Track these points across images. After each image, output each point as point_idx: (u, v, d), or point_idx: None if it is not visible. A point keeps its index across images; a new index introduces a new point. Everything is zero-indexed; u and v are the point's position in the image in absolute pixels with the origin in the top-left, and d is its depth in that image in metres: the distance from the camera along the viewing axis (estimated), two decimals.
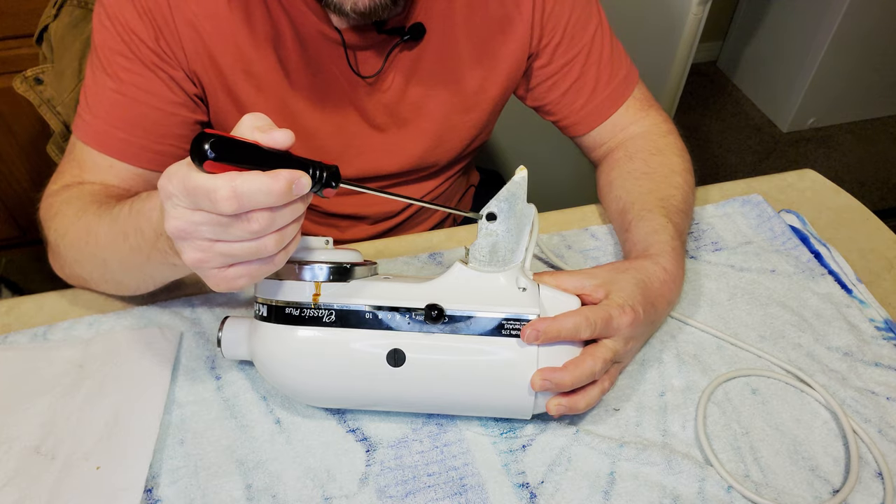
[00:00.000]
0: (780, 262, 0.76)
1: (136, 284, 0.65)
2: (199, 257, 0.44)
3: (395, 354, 0.54)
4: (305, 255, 0.54)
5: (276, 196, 0.42)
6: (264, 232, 0.43)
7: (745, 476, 0.58)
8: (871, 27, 2.18)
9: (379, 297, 0.55)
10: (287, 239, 0.46)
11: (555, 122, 0.85)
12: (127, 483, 0.56)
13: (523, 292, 0.56)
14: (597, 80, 0.80)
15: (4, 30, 1.41)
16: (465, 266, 0.57)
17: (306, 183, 0.44)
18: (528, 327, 0.54)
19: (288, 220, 0.44)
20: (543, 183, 1.51)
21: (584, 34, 0.78)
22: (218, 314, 0.70)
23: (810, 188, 0.88)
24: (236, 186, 0.40)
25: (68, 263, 0.67)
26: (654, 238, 0.67)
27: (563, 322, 0.54)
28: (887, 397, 0.63)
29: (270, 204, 0.42)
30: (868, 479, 0.58)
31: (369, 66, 0.73)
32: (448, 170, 0.88)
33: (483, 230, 0.57)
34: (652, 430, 0.61)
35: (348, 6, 0.61)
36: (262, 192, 0.41)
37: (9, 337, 0.69)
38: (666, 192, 0.73)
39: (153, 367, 0.64)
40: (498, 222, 0.57)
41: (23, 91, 0.89)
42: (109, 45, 0.67)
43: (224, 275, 0.46)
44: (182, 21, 0.66)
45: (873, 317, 0.70)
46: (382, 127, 0.78)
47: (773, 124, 2.51)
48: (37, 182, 1.68)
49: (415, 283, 0.57)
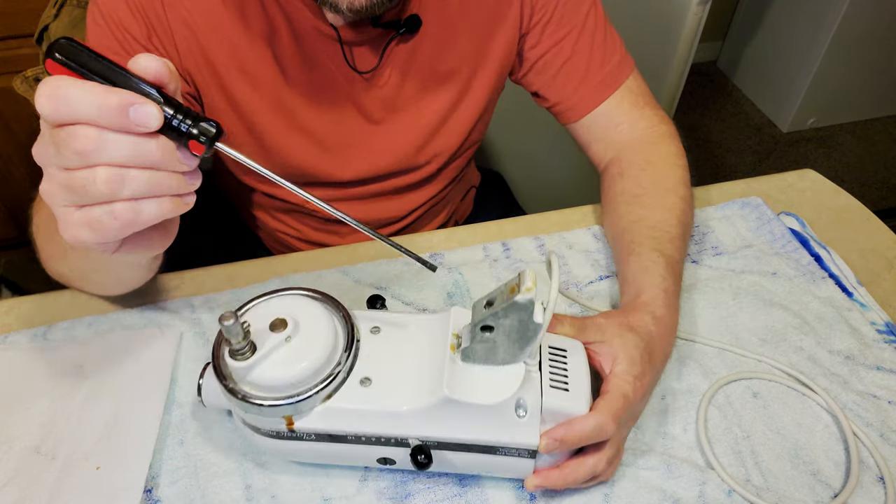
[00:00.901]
0: (781, 265, 0.76)
1: (99, 277, 0.63)
2: (45, 187, 0.40)
3: (386, 461, 0.54)
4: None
5: (103, 110, 0.37)
6: (91, 157, 0.38)
7: (746, 480, 0.58)
8: (871, 27, 2.18)
9: (357, 424, 0.51)
10: (131, 186, 0.39)
11: (549, 107, 0.84)
12: (127, 483, 0.56)
13: (521, 418, 0.50)
14: (589, 61, 0.78)
15: (4, 30, 1.41)
16: (458, 361, 0.51)
17: (151, 113, 0.38)
18: (547, 440, 0.50)
19: (125, 154, 0.38)
20: (543, 183, 1.52)
21: (576, 14, 0.77)
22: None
23: (810, 188, 0.87)
24: (58, 86, 0.36)
25: (46, 259, 0.64)
26: (644, 280, 0.65)
27: (581, 430, 0.50)
28: (889, 401, 0.63)
29: (95, 119, 0.37)
30: (869, 483, 0.58)
31: (366, 61, 0.72)
32: (447, 168, 0.88)
33: (477, 337, 0.49)
34: (652, 434, 0.61)
35: (344, 5, 0.61)
36: (86, 101, 0.37)
37: (9, 337, 0.68)
38: (658, 216, 0.71)
39: (153, 368, 0.64)
40: (496, 332, 0.48)
41: (23, 91, 0.89)
42: (103, 44, 0.66)
43: (68, 218, 0.41)
44: (175, 18, 0.66)
45: (874, 320, 0.70)
46: (380, 122, 0.78)
47: (773, 124, 2.50)
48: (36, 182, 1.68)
49: (391, 405, 0.50)
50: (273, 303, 0.53)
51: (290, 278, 0.74)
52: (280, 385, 0.48)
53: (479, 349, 0.49)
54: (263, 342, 0.48)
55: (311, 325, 0.51)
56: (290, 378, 0.48)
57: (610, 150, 0.81)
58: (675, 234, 0.70)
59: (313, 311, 0.52)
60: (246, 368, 0.48)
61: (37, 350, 0.67)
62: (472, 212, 1.07)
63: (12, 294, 1.72)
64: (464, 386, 0.49)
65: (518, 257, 0.77)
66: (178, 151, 0.41)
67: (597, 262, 0.77)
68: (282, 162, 0.77)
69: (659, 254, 0.67)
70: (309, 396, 0.49)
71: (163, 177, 0.41)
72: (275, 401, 0.48)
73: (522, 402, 0.50)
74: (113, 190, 0.39)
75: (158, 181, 0.40)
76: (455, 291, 0.73)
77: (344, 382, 0.51)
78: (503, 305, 0.46)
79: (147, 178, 0.40)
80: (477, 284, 0.74)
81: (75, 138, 0.37)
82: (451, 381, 0.49)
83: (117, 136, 0.38)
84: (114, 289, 0.66)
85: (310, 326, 0.50)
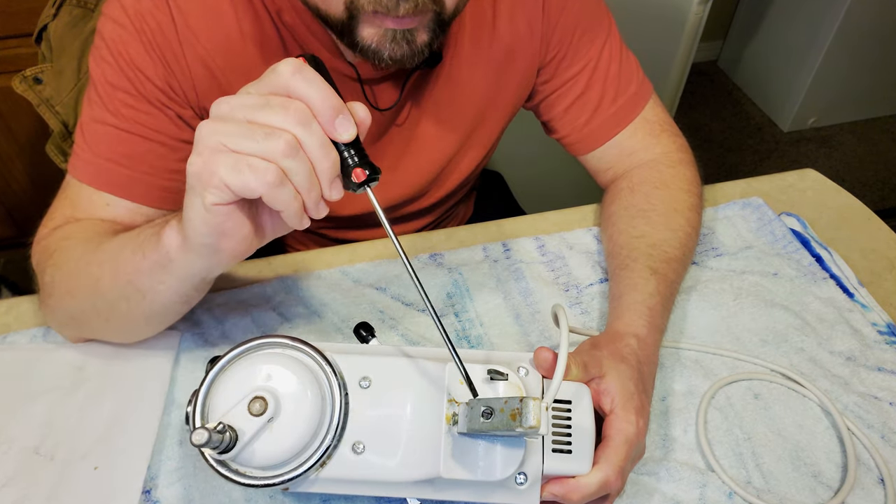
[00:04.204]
0: (782, 265, 0.75)
1: (127, 308, 0.59)
2: (205, 134, 0.44)
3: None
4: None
5: (323, 101, 0.43)
6: (289, 124, 0.43)
7: (746, 482, 0.58)
8: (872, 27, 2.18)
9: (352, 489, 0.49)
10: (293, 163, 0.43)
11: (559, 139, 0.82)
12: (125, 484, 0.56)
13: (521, 486, 0.48)
14: (601, 96, 0.76)
15: (3, 29, 1.40)
16: (454, 434, 0.48)
17: (351, 126, 0.44)
18: (546, 493, 0.49)
19: (310, 141, 0.43)
20: (543, 183, 1.51)
21: (591, 48, 0.75)
22: (217, 315, 0.70)
23: (811, 188, 0.87)
24: (305, 69, 0.43)
25: (58, 296, 0.61)
26: (630, 297, 0.64)
27: (586, 490, 0.49)
28: (890, 402, 0.63)
29: (313, 103, 0.43)
30: (870, 484, 0.57)
31: (386, 98, 0.71)
32: (455, 194, 0.87)
33: (475, 424, 0.45)
34: (653, 435, 0.61)
35: (386, 54, 0.57)
36: (317, 87, 0.43)
37: (8, 337, 0.68)
38: (661, 235, 0.70)
39: (152, 368, 0.64)
40: (495, 417, 0.44)
41: (22, 91, 0.89)
42: (111, 82, 0.63)
43: (217, 158, 0.44)
44: (193, 58, 0.64)
45: (875, 321, 0.70)
46: (398, 156, 0.76)
47: (773, 124, 2.50)
48: (36, 182, 1.69)
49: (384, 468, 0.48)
50: (247, 368, 0.47)
51: (290, 278, 0.74)
52: (268, 465, 0.46)
53: (476, 430, 0.45)
54: (244, 428, 0.44)
55: (293, 398, 0.46)
56: (277, 459, 0.46)
57: (620, 170, 0.79)
58: (674, 256, 0.68)
59: (293, 377, 0.47)
60: (230, 458, 0.45)
61: (36, 350, 0.67)
62: (473, 212, 1.06)
63: (12, 294, 1.72)
64: (461, 463, 0.47)
65: (518, 258, 0.77)
66: (336, 178, 0.46)
67: (598, 263, 0.76)
68: None
69: (651, 272, 0.66)
70: (299, 474, 0.46)
71: (314, 182, 0.45)
72: (265, 479, 0.46)
73: (523, 470, 0.48)
74: (283, 152, 0.43)
75: (309, 179, 0.45)
76: (455, 292, 0.73)
77: (335, 448, 0.48)
78: (503, 430, 0.43)
79: (306, 170, 0.44)
80: (477, 284, 0.74)
81: (289, 104, 0.43)
82: (447, 461, 0.47)
83: (317, 126, 0.44)
84: (131, 320, 0.61)
85: (292, 401, 0.46)
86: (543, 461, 0.48)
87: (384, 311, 0.71)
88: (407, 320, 0.70)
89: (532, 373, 0.51)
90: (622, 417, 0.52)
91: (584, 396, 0.52)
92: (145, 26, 0.62)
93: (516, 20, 0.72)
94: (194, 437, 0.41)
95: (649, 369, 0.59)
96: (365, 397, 0.49)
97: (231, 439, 0.44)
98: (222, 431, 0.43)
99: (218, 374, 0.48)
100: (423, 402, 0.49)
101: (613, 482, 0.50)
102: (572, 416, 0.51)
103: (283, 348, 0.49)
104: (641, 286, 0.64)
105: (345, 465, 0.47)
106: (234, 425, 0.44)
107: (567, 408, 0.51)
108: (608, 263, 0.73)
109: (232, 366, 0.48)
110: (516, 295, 0.73)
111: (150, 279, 0.54)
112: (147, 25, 0.62)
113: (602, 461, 0.50)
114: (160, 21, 0.62)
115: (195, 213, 0.46)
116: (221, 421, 0.44)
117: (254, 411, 0.44)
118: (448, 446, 0.47)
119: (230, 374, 0.47)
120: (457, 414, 0.48)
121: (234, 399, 0.45)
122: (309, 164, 0.44)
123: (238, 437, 0.44)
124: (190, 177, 0.45)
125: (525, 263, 0.76)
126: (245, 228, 0.48)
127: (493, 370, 0.48)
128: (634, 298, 0.64)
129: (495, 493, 0.49)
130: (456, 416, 0.48)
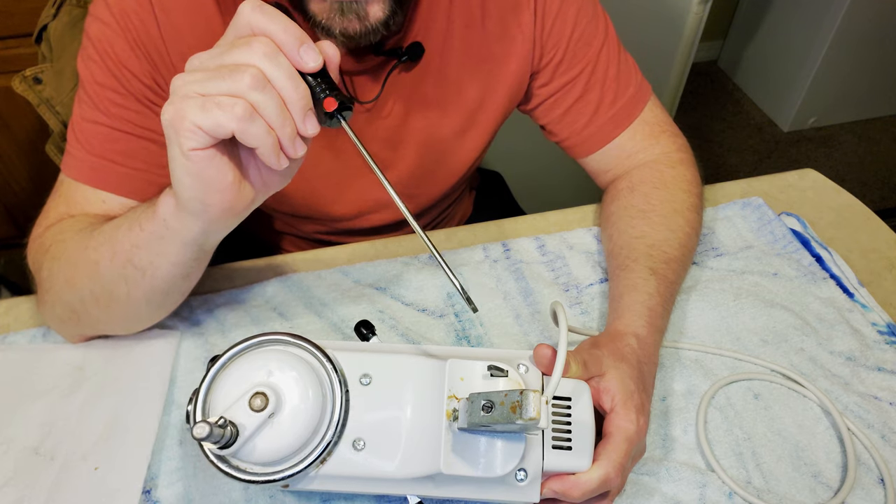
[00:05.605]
0: (782, 265, 0.75)
1: (127, 290, 0.59)
2: (178, 84, 0.45)
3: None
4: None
5: (286, 34, 0.44)
6: (253, 59, 0.43)
7: (747, 482, 0.58)
8: (872, 27, 2.18)
9: (352, 486, 0.49)
10: (261, 97, 0.44)
11: (558, 142, 0.82)
12: (125, 484, 0.56)
13: (521, 482, 0.48)
14: (600, 99, 0.76)
15: (3, 29, 1.40)
16: (455, 430, 0.48)
17: (315, 55, 0.45)
18: (546, 490, 0.49)
19: (277, 74, 0.44)
20: (543, 183, 1.51)
21: (588, 51, 0.75)
22: (217, 315, 0.70)
23: (811, 188, 0.87)
24: (265, 5, 0.44)
25: (57, 288, 0.62)
26: (630, 297, 0.64)
27: (587, 486, 0.49)
28: (890, 402, 0.63)
29: (277, 35, 0.44)
30: (870, 484, 0.57)
31: (367, 91, 0.70)
32: (449, 195, 0.86)
33: (475, 418, 0.45)
34: (653, 435, 0.61)
35: (337, 29, 0.58)
36: (278, 21, 0.44)
37: (7, 337, 0.68)
38: (661, 235, 0.69)
39: (152, 369, 0.64)
40: (495, 411, 0.44)
41: (22, 91, 0.89)
42: (99, 81, 0.63)
43: (188, 103, 0.44)
44: (176, 54, 0.64)
45: (875, 321, 0.70)
46: (382, 153, 0.76)
47: (773, 124, 2.50)
48: (35, 182, 1.69)
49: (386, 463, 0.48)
50: (248, 364, 0.48)
51: (290, 278, 0.74)
52: (269, 461, 0.46)
53: (477, 425, 0.45)
54: (245, 423, 0.45)
55: (293, 394, 0.46)
56: (277, 455, 0.46)
57: (620, 172, 0.79)
58: (674, 256, 0.68)
59: (294, 373, 0.47)
60: (230, 453, 0.45)
61: (36, 350, 0.67)
62: (472, 212, 1.06)
63: (12, 294, 1.72)
64: (461, 460, 0.47)
65: (518, 258, 0.77)
66: (309, 111, 0.46)
67: (598, 263, 0.76)
68: (278, 197, 0.74)
69: (651, 272, 0.66)
70: (299, 471, 0.46)
71: (286, 115, 0.45)
72: (265, 476, 0.46)
73: (523, 466, 0.48)
74: (249, 85, 0.43)
75: (280, 113, 0.45)
76: (454, 292, 0.73)
77: (336, 444, 0.48)
78: (503, 423, 0.43)
79: (276, 103, 0.44)
80: (477, 285, 0.74)
81: (252, 40, 0.44)
82: (447, 457, 0.46)
83: (283, 58, 0.44)
84: (138, 307, 0.61)
85: (293, 397, 0.46)
86: (544, 457, 0.48)
87: (384, 310, 0.71)
88: (407, 320, 0.70)
89: (532, 370, 0.51)
90: (622, 415, 0.52)
91: (584, 393, 0.52)
92: (130, 24, 0.62)
93: (506, 22, 0.72)
94: (196, 430, 0.41)
95: (649, 369, 0.60)
96: (365, 394, 0.49)
97: (232, 434, 0.44)
98: (223, 426, 0.43)
99: (219, 371, 0.48)
100: (423, 399, 0.49)
101: (614, 479, 0.50)
102: (572, 413, 0.51)
103: (284, 345, 0.49)
104: (641, 286, 0.64)
105: (345, 462, 0.48)
106: (235, 420, 0.44)
107: (567, 404, 0.51)
108: (608, 264, 0.73)
109: (233, 363, 0.48)
110: (516, 295, 0.73)
111: (148, 252, 0.55)
112: (131, 24, 0.62)
113: (602, 458, 0.50)
114: (144, 19, 0.63)
115: (176, 164, 0.47)
116: (223, 416, 0.44)
117: (255, 407, 0.45)
118: (448, 442, 0.47)
119: (231, 370, 0.48)
120: (457, 410, 0.48)
121: (235, 395, 0.46)
122: (278, 96, 0.44)
123: (239, 433, 0.44)
124: (165, 128, 0.46)
125: (525, 263, 0.76)
126: (228, 176, 0.48)
127: (494, 366, 0.48)
128: (634, 299, 0.64)
129: (496, 490, 0.49)
130: (456, 412, 0.48)
